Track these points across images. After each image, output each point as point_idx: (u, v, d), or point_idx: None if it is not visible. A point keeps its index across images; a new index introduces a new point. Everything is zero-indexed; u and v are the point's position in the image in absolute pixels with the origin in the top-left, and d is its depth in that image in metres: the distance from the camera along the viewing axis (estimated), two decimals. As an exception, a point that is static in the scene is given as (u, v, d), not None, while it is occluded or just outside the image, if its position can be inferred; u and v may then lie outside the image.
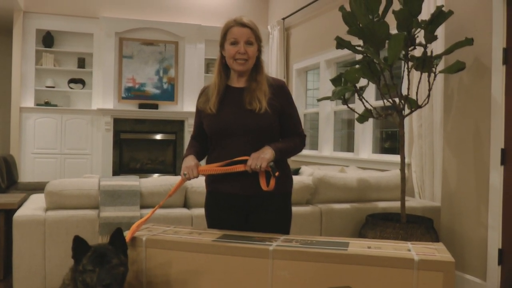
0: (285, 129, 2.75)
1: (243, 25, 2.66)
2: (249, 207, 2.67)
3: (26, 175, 8.62)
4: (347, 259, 2.16)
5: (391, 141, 6.72)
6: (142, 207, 4.14)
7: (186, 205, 4.38)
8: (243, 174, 2.60)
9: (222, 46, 2.72)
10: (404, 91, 4.22)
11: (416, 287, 2.10)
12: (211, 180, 2.75)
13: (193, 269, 2.34)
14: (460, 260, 4.45)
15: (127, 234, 2.45)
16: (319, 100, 4.77)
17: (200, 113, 2.79)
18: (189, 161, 2.63)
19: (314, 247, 2.26)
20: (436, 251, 2.23)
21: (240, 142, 2.63)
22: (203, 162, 2.73)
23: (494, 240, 4.14)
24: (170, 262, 2.38)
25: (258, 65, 2.72)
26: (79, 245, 2.18)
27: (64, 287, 2.25)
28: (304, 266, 2.20)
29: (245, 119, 2.63)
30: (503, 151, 4.08)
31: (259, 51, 2.71)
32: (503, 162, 4.08)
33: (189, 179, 2.57)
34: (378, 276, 2.13)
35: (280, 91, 2.73)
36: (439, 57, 4.01)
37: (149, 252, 2.41)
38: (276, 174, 2.52)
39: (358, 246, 2.30)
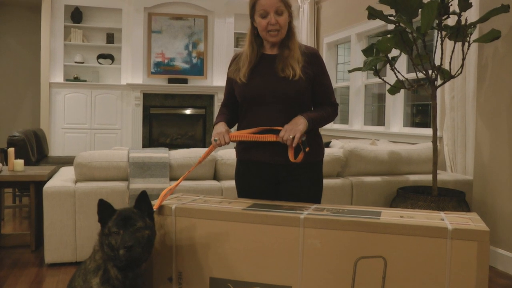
0: (317, 97, 2.70)
1: None
2: (280, 176, 2.64)
3: (56, 149, 8.74)
4: (379, 228, 2.13)
5: (422, 115, 6.63)
6: (172, 179, 4.16)
7: (216, 177, 4.38)
8: (273, 143, 2.57)
9: (252, 17, 2.68)
10: (437, 62, 4.13)
11: (450, 257, 2.06)
12: (241, 148, 2.73)
13: (223, 238, 2.34)
14: (492, 234, 4.38)
15: (156, 202, 2.45)
16: (350, 71, 4.70)
17: (231, 81, 2.76)
18: (220, 128, 2.60)
19: (345, 215, 2.23)
20: (470, 221, 2.19)
21: (271, 110, 2.60)
22: (233, 130, 2.71)
23: (529, 213, 4.07)
24: (200, 231, 2.38)
25: (290, 31, 2.67)
26: (104, 209, 2.19)
27: (94, 253, 2.27)
28: (336, 234, 2.18)
29: (277, 86, 2.59)
30: (539, 123, 3.99)
31: (290, 17, 2.66)
32: (539, 133, 3.98)
33: (220, 145, 2.55)
34: (411, 245, 2.10)
35: (313, 58, 2.68)
36: (473, 25, 3.90)
37: (178, 221, 2.41)
38: (307, 149, 2.49)
39: (391, 215, 2.27)
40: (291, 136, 2.43)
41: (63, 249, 4.04)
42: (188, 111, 9.44)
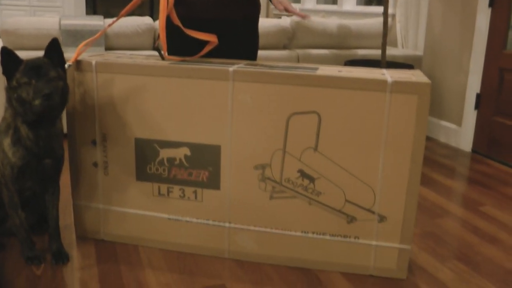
0: None
1: None
2: (211, 32, 2.40)
3: (-7, 28, 8.21)
4: (314, 81, 1.96)
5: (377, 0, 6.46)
6: (107, 48, 3.91)
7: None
8: None
9: None
10: None
11: (388, 111, 1.92)
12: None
13: (148, 95, 2.14)
14: (437, 107, 4.35)
15: (72, 56, 2.22)
16: None
17: None
18: None
19: (279, 69, 2.05)
20: (413, 76, 2.04)
21: None
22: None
23: (473, 85, 4.03)
24: (124, 88, 2.17)
25: None
26: (9, 59, 1.92)
27: (4, 111, 2.04)
28: (268, 89, 2.00)
29: None
30: (493, -8, 3.84)
31: None
32: (491, 3, 3.83)
33: None
34: (347, 100, 1.95)
35: None
36: None
37: (100, 78, 2.20)
38: None
39: (328, 70, 2.10)
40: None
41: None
42: (135, -10, 8.93)
